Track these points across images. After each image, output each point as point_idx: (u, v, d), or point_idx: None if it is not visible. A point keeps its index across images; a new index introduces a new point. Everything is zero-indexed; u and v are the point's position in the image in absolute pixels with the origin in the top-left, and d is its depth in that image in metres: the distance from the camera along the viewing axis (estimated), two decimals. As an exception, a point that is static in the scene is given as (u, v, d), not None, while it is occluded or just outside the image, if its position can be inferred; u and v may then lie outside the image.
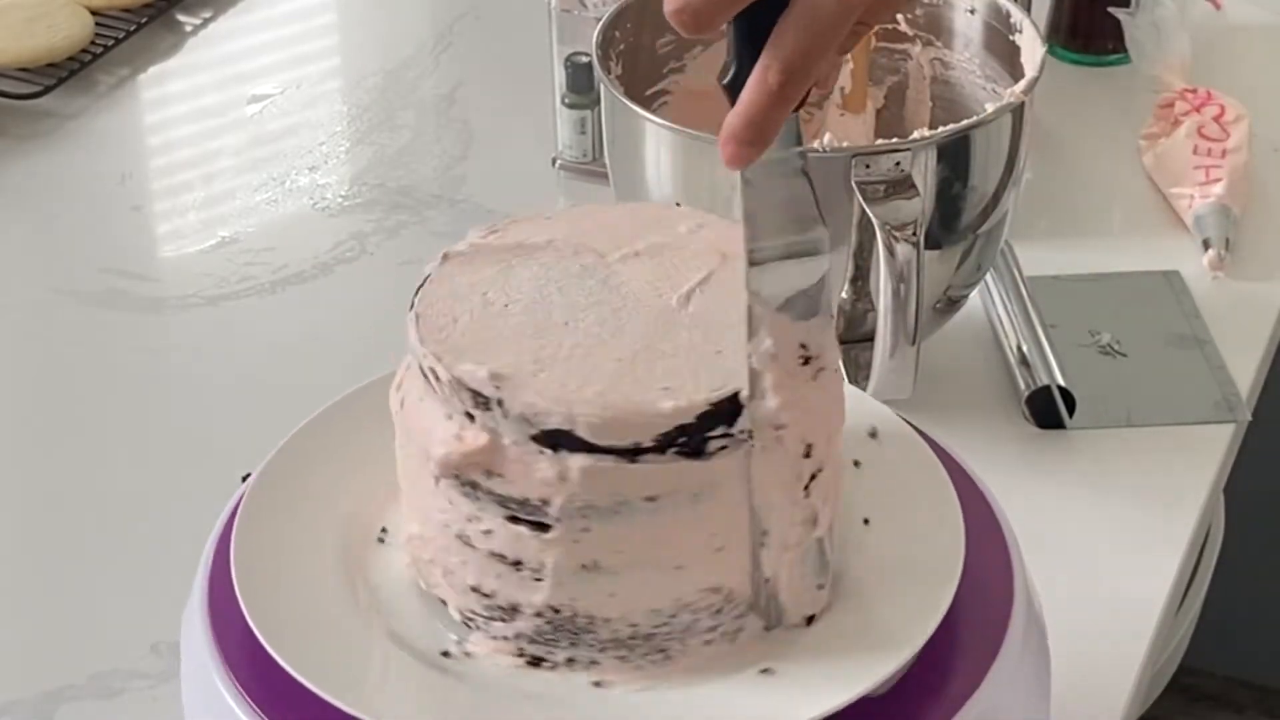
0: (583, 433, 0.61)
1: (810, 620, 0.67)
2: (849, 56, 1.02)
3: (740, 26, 0.59)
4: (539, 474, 0.62)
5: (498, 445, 0.62)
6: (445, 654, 0.67)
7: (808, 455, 0.64)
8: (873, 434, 0.73)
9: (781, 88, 0.58)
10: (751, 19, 0.58)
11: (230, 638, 0.68)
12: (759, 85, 0.58)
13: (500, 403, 0.62)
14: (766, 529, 0.65)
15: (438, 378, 0.63)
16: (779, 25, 0.58)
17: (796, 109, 0.60)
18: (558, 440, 0.61)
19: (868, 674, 0.64)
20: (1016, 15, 1.00)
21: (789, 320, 0.62)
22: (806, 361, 0.63)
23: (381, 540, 0.71)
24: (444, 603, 0.68)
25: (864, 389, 0.86)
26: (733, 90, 0.59)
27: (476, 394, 0.62)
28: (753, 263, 0.62)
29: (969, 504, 0.72)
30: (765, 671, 0.65)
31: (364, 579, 0.70)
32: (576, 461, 0.61)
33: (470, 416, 0.63)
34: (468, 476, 0.63)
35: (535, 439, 0.62)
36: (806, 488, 0.65)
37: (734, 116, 0.59)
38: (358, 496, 0.72)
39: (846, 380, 0.68)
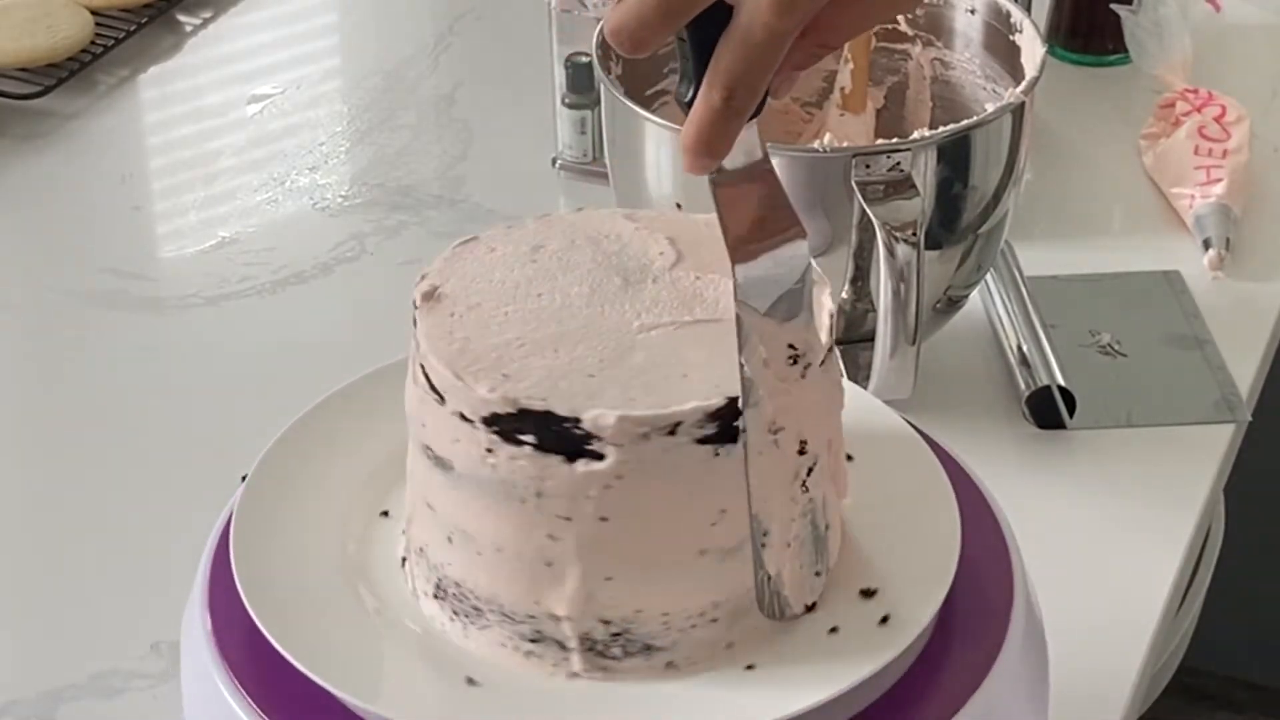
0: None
1: (811, 608, 0.67)
2: (849, 56, 1.02)
3: (689, 47, 0.61)
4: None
5: None
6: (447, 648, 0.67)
7: (802, 452, 0.65)
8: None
9: (725, 103, 0.60)
10: (698, 40, 0.60)
11: (230, 638, 0.68)
12: (704, 101, 0.61)
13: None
14: (767, 530, 0.65)
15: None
16: (718, 46, 0.60)
17: (753, 118, 0.62)
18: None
19: (852, 671, 0.64)
20: (1016, 15, 1.00)
21: (776, 324, 0.63)
22: (795, 361, 0.63)
23: (385, 515, 0.71)
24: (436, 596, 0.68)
25: (864, 389, 0.86)
26: (690, 107, 0.62)
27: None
28: (737, 273, 0.62)
29: (969, 504, 0.72)
30: (749, 668, 0.65)
31: (364, 567, 0.70)
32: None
33: None
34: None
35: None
36: (804, 484, 0.65)
37: (686, 129, 0.61)
38: (358, 482, 0.72)
39: (846, 376, 0.68)
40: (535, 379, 0.63)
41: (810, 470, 0.65)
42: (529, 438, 0.62)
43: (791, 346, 0.63)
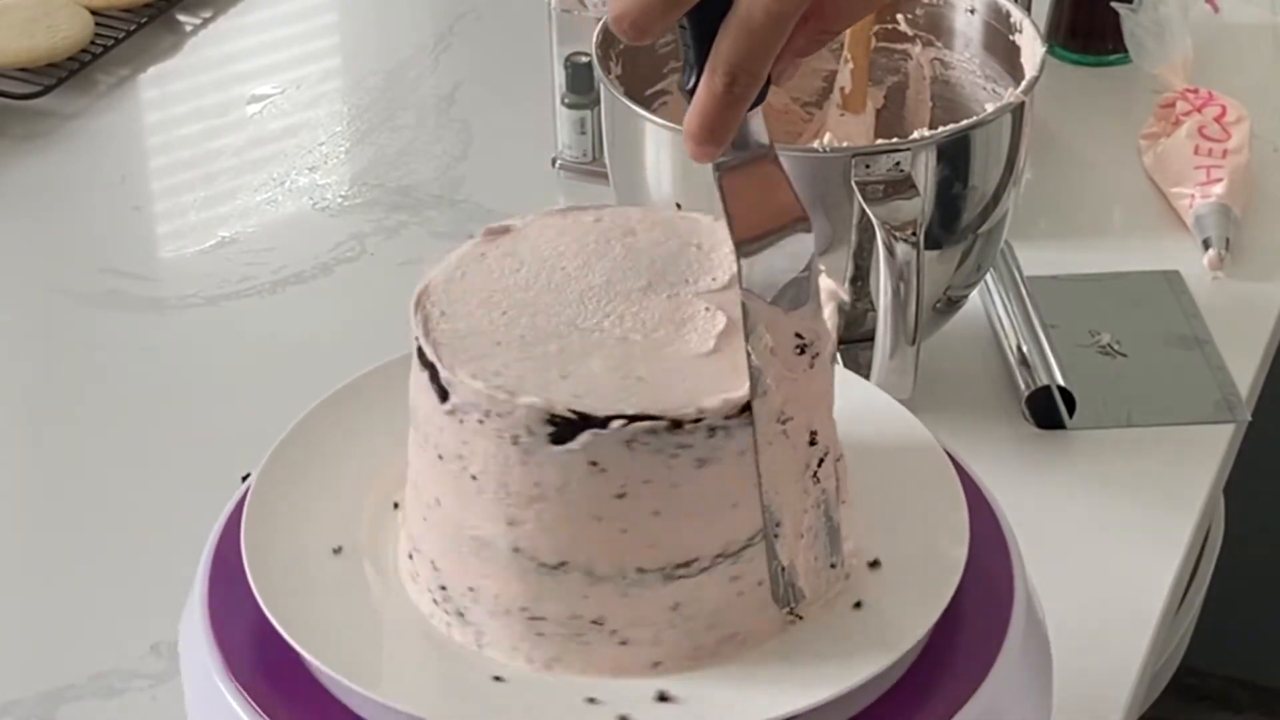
0: None
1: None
2: (849, 56, 1.02)
3: (690, 34, 0.61)
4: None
5: None
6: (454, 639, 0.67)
7: (813, 443, 0.65)
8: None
9: (728, 89, 0.60)
10: (699, 26, 0.60)
11: (230, 638, 0.68)
12: (706, 88, 0.61)
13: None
14: (780, 520, 0.65)
15: None
16: (720, 31, 0.60)
17: (755, 105, 0.62)
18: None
19: (853, 673, 0.64)
20: (1016, 15, 1.00)
21: (782, 313, 0.63)
22: (802, 350, 0.64)
23: (396, 506, 0.71)
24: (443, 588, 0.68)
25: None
26: (692, 95, 0.62)
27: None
28: (742, 262, 0.63)
29: (969, 504, 0.72)
30: (753, 664, 0.65)
31: (375, 560, 0.70)
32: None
33: None
34: None
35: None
36: (815, 474, 0.65)
37: (689, 117, 0.61)
38: (369, 475, 0.72)
39: (843, 367, 0.69)
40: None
41: (821, 461, 0.65)
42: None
43: (799, 335, 0.64)
